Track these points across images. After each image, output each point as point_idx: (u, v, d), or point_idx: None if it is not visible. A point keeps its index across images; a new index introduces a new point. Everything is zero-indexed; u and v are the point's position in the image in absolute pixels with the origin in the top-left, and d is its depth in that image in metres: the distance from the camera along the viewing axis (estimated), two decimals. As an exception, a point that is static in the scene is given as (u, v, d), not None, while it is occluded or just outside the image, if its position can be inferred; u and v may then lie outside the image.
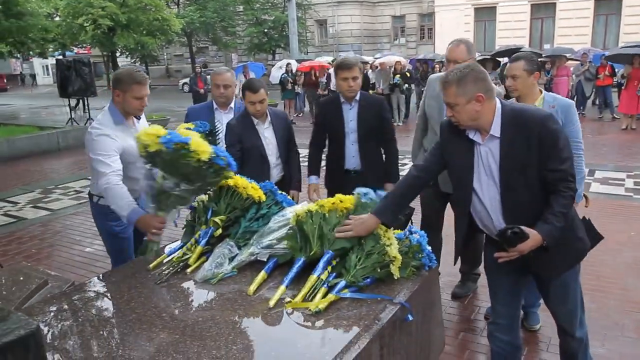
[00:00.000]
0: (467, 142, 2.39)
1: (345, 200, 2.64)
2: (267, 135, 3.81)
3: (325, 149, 4.10)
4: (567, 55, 15.66)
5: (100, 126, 3.07)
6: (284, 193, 2.95)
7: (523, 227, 2.23)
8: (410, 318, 2.29)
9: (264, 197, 2.79)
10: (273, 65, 22.24)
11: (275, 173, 3.88)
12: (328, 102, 4.02)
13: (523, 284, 2.62)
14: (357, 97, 3.77)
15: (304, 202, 2.68)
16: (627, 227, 5.51)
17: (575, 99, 13.97)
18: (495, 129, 2.30)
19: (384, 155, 3.97)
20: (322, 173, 4.10)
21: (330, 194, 3.66)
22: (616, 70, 14.37)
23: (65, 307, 2.41)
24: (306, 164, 4.04)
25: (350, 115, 3.79)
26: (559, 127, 2.30)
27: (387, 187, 3.61)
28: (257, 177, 2.98)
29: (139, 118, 3.32)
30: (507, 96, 3.47)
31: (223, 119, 3.97)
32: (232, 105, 4.05)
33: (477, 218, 2.50)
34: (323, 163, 4.13)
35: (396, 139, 3.96)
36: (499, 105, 2.33)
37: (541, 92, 3.21)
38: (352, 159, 3.85)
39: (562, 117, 3.03)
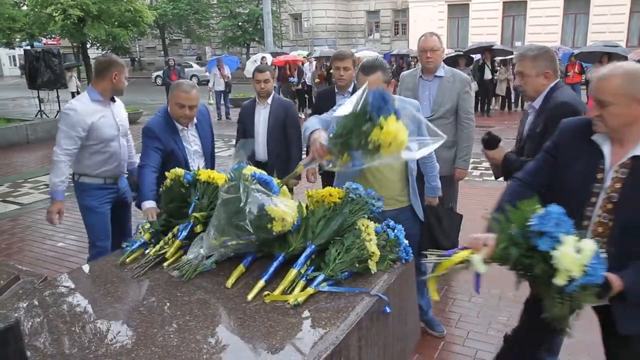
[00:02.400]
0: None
1: (335, 194, 2.66)
2: (263, 115, 4.36)
3: None
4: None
5: (74, 102, 3.59)
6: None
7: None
8: (388, 310, 2.32)
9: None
10: (248, 59, 22.10)
11: (262, 151, 4.38)
12: (325, 93, 4.39)
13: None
14: (351, 89, 4.01)
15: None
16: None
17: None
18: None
19: None
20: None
21: (324, 179, 4.20)
22: (585, 67, 14.71)
23: (38, 302, 2.37)
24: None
25: None
26: None
27: None
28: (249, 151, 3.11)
29: (113, 100, 3.70)
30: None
31: (189, 136, 3.61)
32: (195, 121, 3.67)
33: None
34: None
35: None
36: None
37: None
38: None
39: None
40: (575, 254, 1.69)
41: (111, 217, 3.87)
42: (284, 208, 2.48)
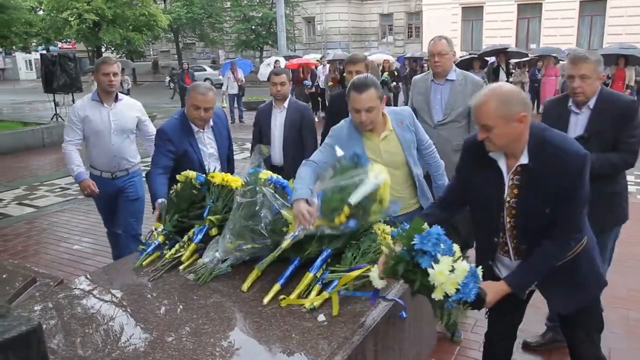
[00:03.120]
0: None
1: None
2: (279, 119, 4.34)
3: None
4: (555, 55, 15.81)
5: (78, 100, 4.06)
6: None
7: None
8: (405, 315, 2.31)
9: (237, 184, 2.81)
10: (261, 62, 22.18)
11: (277, 155, 4.35)
12: (337, 96, 4.35)
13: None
14: None
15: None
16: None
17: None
18: None
19: None
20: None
21: None
22: (601, 70, 14.55)
23: (54, 305, 2.39)
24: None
25: None
26: None
27: None
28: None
29: (117, 99, 4.01)
30: None
31: (205, 139, 3.61)
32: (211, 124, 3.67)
33: None
34: None
35: None
36: None
37: (384, 115, 3.03)
38: None
39: (412, 128, 3.01)
40: (449, 273, 1.86)
41: (119, 209, 4.18)
42: None
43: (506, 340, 2.51)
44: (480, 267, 2.04)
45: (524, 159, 2.07)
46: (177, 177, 3.02)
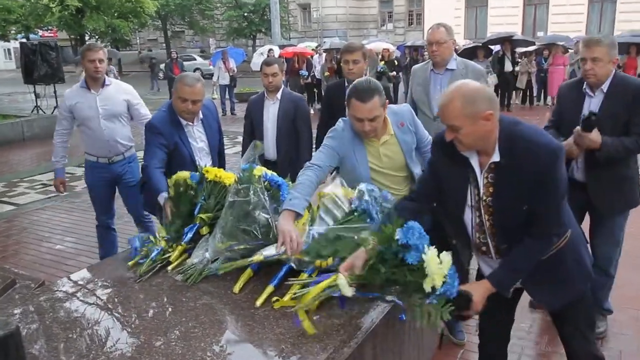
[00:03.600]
0: None
1: (348, 195, 2.67)
2: (272, 111, 4.34)
3: None
4: (562, 43, 15.82)
5: (68, 90, 4.24)
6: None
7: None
8: (404, 317, 2.31)
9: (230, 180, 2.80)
10: (254, 51, 22.13)
11: (271, 149, 4.36)
12: (334, 86, 4.35)
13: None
14: None
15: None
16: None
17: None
18: None
19: None
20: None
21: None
22: (612, 59, 14.55)
23: (35, 308, 2.38)
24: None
25: None
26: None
27: None
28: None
29: (104, 84, 4.16)
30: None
31: (195, 132, 3.62)
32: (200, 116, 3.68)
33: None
34: None
35: None
36: None
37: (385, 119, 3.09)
38: None
39: (412, 129, 3.04)
40: (440, 264, 1.95)
41: (123, 196, 4.40)
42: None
43: (499, 342, 2.55)
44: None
45: (496, 157, 2.09)
46: (168, 181, 3.01)
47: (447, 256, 2.00)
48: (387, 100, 2.85)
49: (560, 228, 2.17)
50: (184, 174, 2.94)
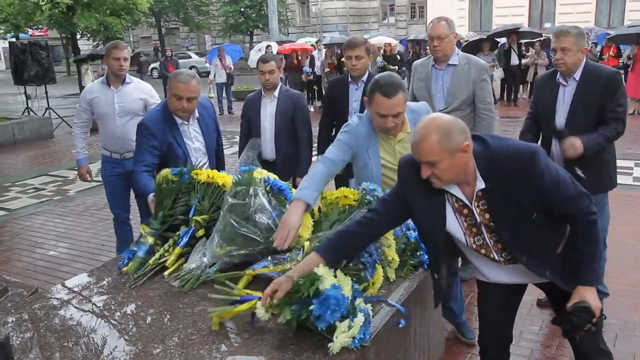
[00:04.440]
0: None
1: (350, 196, 2.67)
2: (269, 110, 4.34)
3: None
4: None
5: (89, 84, 4.64)
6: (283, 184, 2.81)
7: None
8: (403, 323, 2.31)
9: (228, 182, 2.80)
10: (252, 48, 22.14)
11: (269, 148, 4.36)
12: (336, 82, 4.41)
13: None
14: (365, 78, 4.05)
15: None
16: (633, 218, 5.62)
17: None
18: None
19: None
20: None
21: (337, 179, 3.96)
22: (622, 50, 14.54)
23: (29, 316, 2.39)
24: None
25: (355, 96, 4.08)
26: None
27: None
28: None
29: (124, 82, 4.40)
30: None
31: (191, 132, 3.61)
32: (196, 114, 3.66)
33: None
34: None
35: None
36: None
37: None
38: None
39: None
40: (348, 331, 1.94)
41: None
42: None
43: (502, 344, 2.54)
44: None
45: (480, 184, 2.10)
46: (155, 179, 3.01)
47: (359, 318, 1.98)
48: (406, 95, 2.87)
49: (589, 198, 2.15)
50: (166, 171, 2.94)
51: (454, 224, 2.23)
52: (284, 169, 4.05)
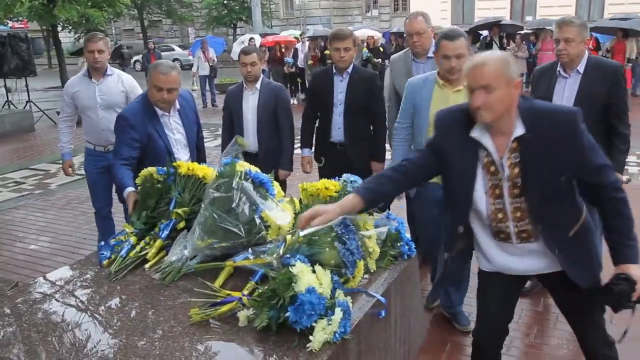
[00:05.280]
0: None
1: (330, 187, 2.68)
2: (251, 102, 4.31)
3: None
4: (551, 27, 15.91)
5: (72, 78, 4.55)
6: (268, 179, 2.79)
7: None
8: (384, 314, 2.33)
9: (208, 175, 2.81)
10: (235, 40, 22.00)
11: (251, 141, 4.28)
12: (320, 73, 4.40)
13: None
14: (350, 70, 4.06)
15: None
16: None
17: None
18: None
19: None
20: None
21: (321, 170, 4.24)
22: (601, 43, 14.69)
23: (10, 310, 2.37)
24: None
25: (340, 87, 4.09)
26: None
27: (372, 166, 4.14)
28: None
29: (105, 74, 4.37)
30: None
31: (171, 123, 3.58)
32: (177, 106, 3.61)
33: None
34: None
35: (385, 117, 4.18)
36: None
37: None
38: (338, 130, 4.14)
39: None
40: (327, 327, 1.96)
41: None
42: (281, 214, 2.49)
43: (499, 338, 2.54)
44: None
45: (519, 130, 2.09)
46: (137, 179, 2.99)
47: (337, 313, 1.99)
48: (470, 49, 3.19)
49: (615, 175, 2.19)
50: (151, 170, 2.93)
51: (478, 182, 2.21)
52: (266, 161, 4.02)
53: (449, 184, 2.32)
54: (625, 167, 3.39)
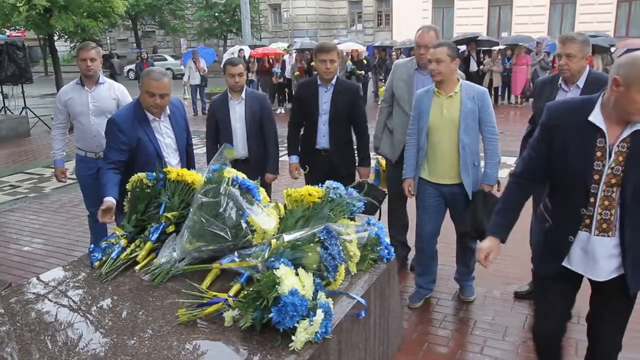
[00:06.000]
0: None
1: (314, 194, 2.69)
2: (238, 111, 4.31)
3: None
4: (525, 44, 16.11)
5: (65, 86, 4.48)
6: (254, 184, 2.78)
7: None
8: (363, 314, 2.34)
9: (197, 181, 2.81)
10: (225, 51, 21.95)
11: (240, 148, 4.31)
12: (306, 84, 4.38)
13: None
14: (334, 82, 4.09)
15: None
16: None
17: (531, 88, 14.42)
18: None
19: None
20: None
21: (307, 176, 4.27)
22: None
23: (4, 310, 2.34)
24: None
25: (325, 97, 4.11)
26: None
27: (360, 171, 4.26)
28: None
29: (98, 82, 4.34)
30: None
31: (162, 128, 3.56)
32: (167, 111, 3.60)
33: None
34: None
35: (367, 126, 4.22)
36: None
37: (459, 79, 3.57)
38: (323, 138, 4.17)
39: (479, 103, 3.49)
40: (309, 327, 1.99)
41: None
42: (266, 219, 2.50)
43: (563, 321, 2.54)
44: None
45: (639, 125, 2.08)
46: (128, 182, 2.98)
47: (318, 315, 2.01)
48: (458, 60, 3.44)
49: None
50: (141, 175, 2.92)
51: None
52: (257, 167, 4.16)
53: (567, 172, 2.25)
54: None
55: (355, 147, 4.29)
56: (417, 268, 4.00)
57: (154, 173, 2.90)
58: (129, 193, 2.95)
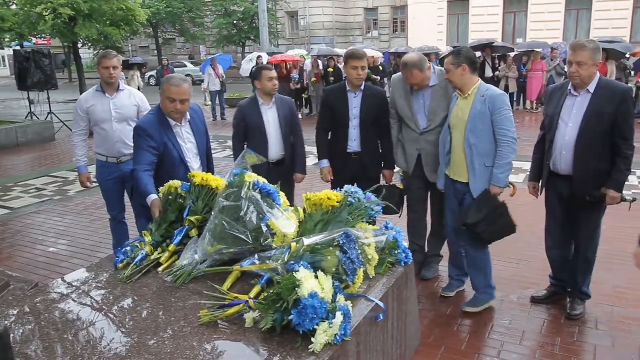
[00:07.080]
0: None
1: (333, 198, 2.68)
2: (271, 115, 4.36)
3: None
4: (540, 49, 15.95)
5: (84, 93, 4.53)
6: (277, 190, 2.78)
7: None
8: (382, 317, 2.33)
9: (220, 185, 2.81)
10: (244, 58, 22.06)
11: (275, 151, 4.36)
12: (334, 90, 4.43)
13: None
14: (362, 87, 4.17)
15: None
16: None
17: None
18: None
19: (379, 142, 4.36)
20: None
21: (334, 174, 4.36)
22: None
23: (30, 309, 2.37)
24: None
25: (355, 103, 4.20)
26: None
27: (385, 174, 4.35)
28: (258, 152, 3.11)
29: (118, 89, 4.39)
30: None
31: (183, 133, 3.57)
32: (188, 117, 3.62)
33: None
34: None
35: (390, 130, 4.26)
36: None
37: (478, 81, 3.65)
38: (354, 142, 4.25)
39: (489, 106, 3.50)
40: (329, 330, 1.98)
41: (129, 193, 4.26)
42: (286, 222, 2.50)
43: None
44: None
45: None
46: (160, 189, 3.01)
47: (338, 318, 2.00)
48: (465, 65, 3.50)
49: None
50: (176, 183, 2.94)
51: None
52: (291, 167, 4.40)
53: None
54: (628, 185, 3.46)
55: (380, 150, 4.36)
56: (449, 258, 4.13)
57: (189, 184, 2.91)
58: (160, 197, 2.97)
